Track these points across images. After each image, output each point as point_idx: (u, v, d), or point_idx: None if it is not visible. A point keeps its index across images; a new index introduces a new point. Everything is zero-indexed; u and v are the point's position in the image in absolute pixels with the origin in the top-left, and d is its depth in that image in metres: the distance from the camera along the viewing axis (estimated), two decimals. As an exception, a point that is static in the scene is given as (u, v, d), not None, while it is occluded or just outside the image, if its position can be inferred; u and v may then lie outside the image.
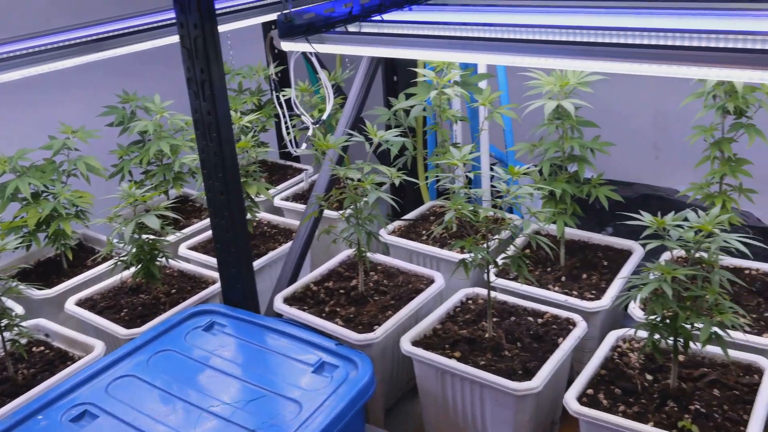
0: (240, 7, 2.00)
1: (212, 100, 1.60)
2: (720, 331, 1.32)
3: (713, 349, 1.51)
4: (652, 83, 2.68)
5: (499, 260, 1.60)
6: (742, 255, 1.36)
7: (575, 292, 1.77)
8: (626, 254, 1.92)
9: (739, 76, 1.08)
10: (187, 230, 2.24)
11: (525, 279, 1.61)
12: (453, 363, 1.51)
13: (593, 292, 1.77)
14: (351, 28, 1.66)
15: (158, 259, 1.86)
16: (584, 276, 1.85)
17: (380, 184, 1.69)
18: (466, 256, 1.57)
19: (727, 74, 1.13)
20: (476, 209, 1.53)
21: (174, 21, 1.59)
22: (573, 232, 2.03)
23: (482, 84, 2.05)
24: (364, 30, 1.67)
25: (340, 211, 1.76)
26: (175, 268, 2.03)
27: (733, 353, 1.49)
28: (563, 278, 1.85)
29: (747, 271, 1.82)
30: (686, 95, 1.72)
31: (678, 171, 1.97)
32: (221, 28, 1.93)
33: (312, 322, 1.70)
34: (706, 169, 1.70)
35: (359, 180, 1.70)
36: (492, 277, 1.64)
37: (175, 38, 1.78)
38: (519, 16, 1.65)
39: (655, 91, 2.69)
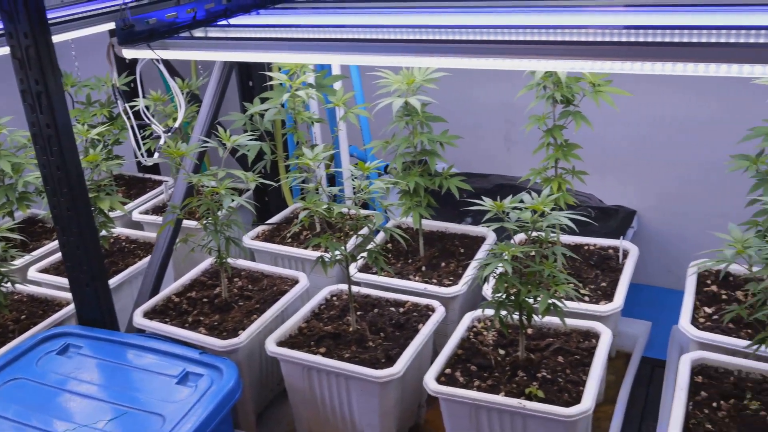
0: (79, 16, 1.92)
1: (50, 112, 1.53)
2: (557, 302, 1.44)
3: (558, 320, 1.63)
4: (500, 77, 2.85)
5: (359, 255, 1.65)
6: (572, 231, 1.48)
7: (434, 280, 1.86)
8: (480, 240, 2.04)
9: (567, 66, 1.19)
10: (36, 252, 2.12)
11: (383, 271, 1.66)
12: (318, 359, 1.54)
13: (451, 278, 1.86)
14: (197, 33, 1.65)
15: (2, 285, 1.76)
16: (443, 264, 1.94)
17: (242, 191, 1.70)
18: (328, 254, 1.61)
19: (554, 65, 1.24)
20: (330, 207, 1.57)
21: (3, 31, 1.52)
22: (431, 224, 2.12)
23: (337, 85, 2.10)
24: (210, 35, 1.66)
25: (203, 220, 1.74)
26: (24, 293, 1.92)
27: (575, 322, 1.62)
28: (423, 268, 1.93)
29: (586, 247, 1.99)
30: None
31: (527, 160, 2.12)
32: (59, 38, 1.85)
33: (175, 333, 1.67)
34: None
35: (215, 186, 1.69)
36: (354, 272, 1.69)
37: (6, 49, 1.69)
38: (367, 17, 1.71)
39: (504, 85, 2.85)
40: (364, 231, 1.89)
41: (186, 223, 2.11)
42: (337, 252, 1.59)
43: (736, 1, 1.40)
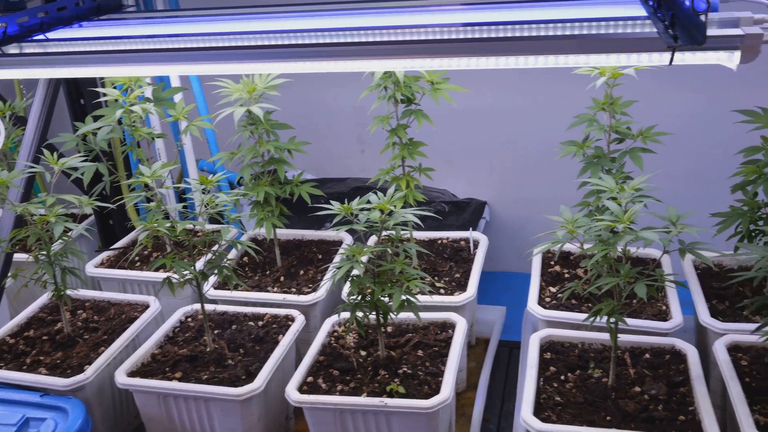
0: None
1: None
2: (411, 298, 1.46)
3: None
4: (349, 80, 2.88)
5: (210, 273, 1.59)
6: (419, 227, 1.51)
7: (293, 289, 1.83)
8: (338, 245, 2.04)
9: (403, 65, 1.21)
10: None
11: (235, 286, 1.62)
12: (173, 384, 1.47)
13: (310, 285, 1.85)
14: (10, 49, 1.52)
15: None
16: (301, 272, 1.92)
17: (83, 216, 1.58)
18: (176, 275, 1.54)
19: (392, 65, 1.26)
20: (174, 225, 1.50)
21: None
22: (288, 232, 2.09)
23: (177, 97, 2.02)
24: (25, 51, 1.54)
25: (35, 251, 1.61)
26: None
27: (432, 315, 1.66)
28: (282, 278, 1.90)
29: (440, 241, 2.05)
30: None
31: (381, 161, 2.15)
32: None
33: (11, 378, 1.53)
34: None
35: (43, 215, 1.56)
36: (209, 290, 1.63)
37: None
38: (204, 25, 1.65)
39: (353, 86, 2.89)
40: (217, 247, 1.83)
41: (18, 256, 1.94)
42: (185, 272, 1.52)
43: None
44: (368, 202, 1.48)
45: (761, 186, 1.58)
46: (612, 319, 1.39)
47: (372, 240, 1.96)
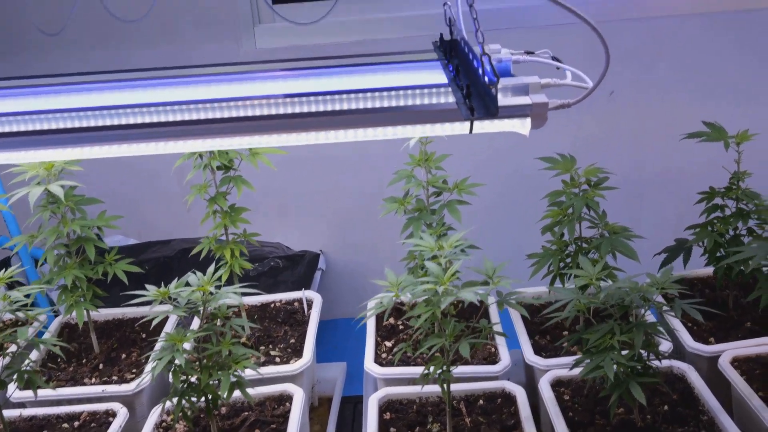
0: None
1: None
2: (241, 378, 1.39)
3: (252, 390, 1.59)
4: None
5: (7, 377, 1.41)
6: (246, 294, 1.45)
7: (115, 377, 1.68)
8: (164, 321, 1.91)
9: (225, 144, 1.15)
10: None
11: (46, 383, 1.45)
12: None
13: (134, 370, 1.71)
14: None
15: None
16: (123, 356, 1.77)
17: None
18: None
19: (212, 144, 1.19)
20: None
21: None
22: (107, 312, 1.92)
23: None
24: None
25: None
26: None
27: (268, 389, 1.60)
28: (101, 365, 1.74)
29: (272, 304, 1.99)
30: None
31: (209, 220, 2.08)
32: None
33: None
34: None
35: None
36: (14, 392, 1.44)
37: None
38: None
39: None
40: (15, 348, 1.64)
41: None
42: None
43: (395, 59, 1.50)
44: (187, 283, 1.40)
45: (566, 227, 1.70)
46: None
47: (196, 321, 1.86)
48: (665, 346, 1.60)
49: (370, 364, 1.66)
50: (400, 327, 1.86)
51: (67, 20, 1.89)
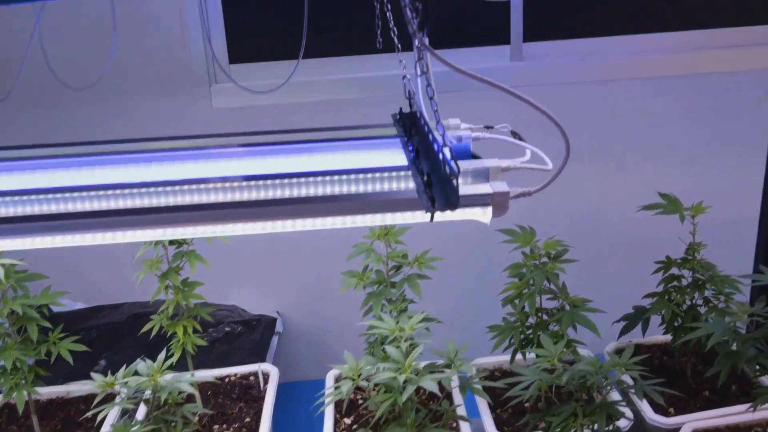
0: None
1: None
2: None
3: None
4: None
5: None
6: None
7: (57, 466, 1.59)
8: (111, 398, 1.81)
9: (185, 233, 1.10)
10: None
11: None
12: None
13: (78, 457, 1.61)
14: None
15: None
16: (67, 440, 1.68)
17: None
18: None
19: (171, 233, 1.14)
20: None
21: None
22: (50, 390, 1.83)
23: None
24: None
25: None
26: None
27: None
28: (42, 453, 1.64)
29: (227, 379, 1.92)
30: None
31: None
32: None
33: None
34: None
35: None
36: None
37: None
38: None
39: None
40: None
41: None
42: None
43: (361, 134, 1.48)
44: (136, 372, 1.33)
45: (527, 301, 1.69)
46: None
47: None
48: (624, 422, 1.59)
49: (329, 447, 1.60)
50: (360, 401, 1.81)
51: (13, 85, 1.83)
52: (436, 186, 1.17)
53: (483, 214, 1.16)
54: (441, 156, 1.17)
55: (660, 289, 1.82)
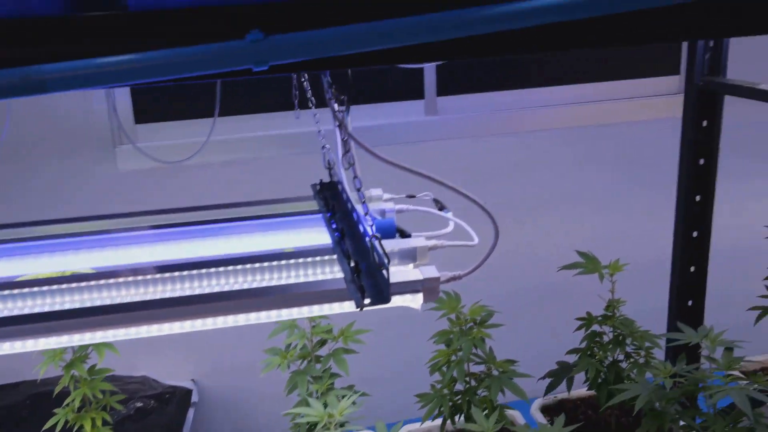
0: None
1: None
2: None
3: None
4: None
5: None
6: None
7: None
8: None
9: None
10: None
11: None
12: None
13: None
14: None
15: None
16: None
17: None
18: None
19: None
20: None
21: None
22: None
23: None
24: None
25: None
26: None
27: None
28: None
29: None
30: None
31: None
32: None
33: None
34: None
35: None
36: None
37: None
38: None
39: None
40: None
41: None
42: None
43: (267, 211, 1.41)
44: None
45: (455, 368, 1.66)
46: None
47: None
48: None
49: None
50: (287, 483, 1.72)
51: None
52: (365, 275, 1.12)
53: (413, 300, 1.13)
54: (369, 243, 1.13)
55: (583, 346, 1.84)
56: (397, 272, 1.08)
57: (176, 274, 1.18)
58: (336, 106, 0.98)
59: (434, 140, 2.50)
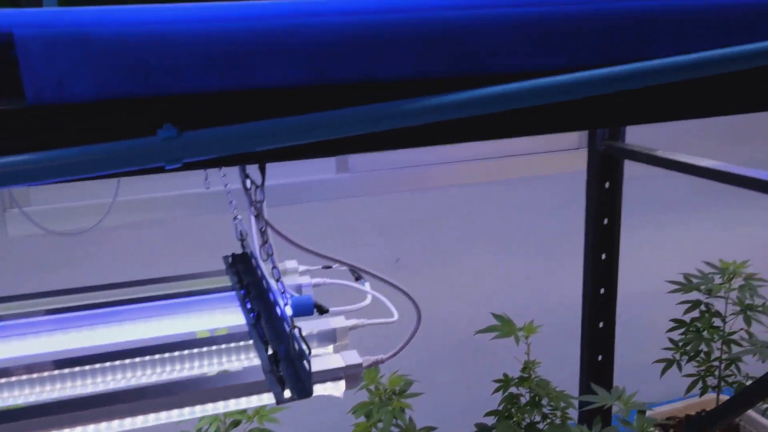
0: None
1: None
2: None
3: None
4: None
5: None
6: None
7: None
8: None
9: None
10: None
11: None
12: None
13: None
14: None
15: None
16: None
17: None
18: None
19: None
20: None
21: None
22: None
23: None
24: None
25: None
26: None
27: None
28: None
29: None
30: None
31: None
32: None
33: None
34: None
35: None
36: None
37: None
38: None
39: None
40: None
41: None
42: None
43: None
44: None
45: None
46: None
47: None
48: None
49: None
50: None
51: None
52: (284, 363, 1.07)
53: (335, 388, 1.08)
54: (288, 331, 1.08)
55: (501, 408, 1.85)
56: (318, 360, 1.04)
57: (76, 369, 1.08)
58: (252, 195, 0.93)
59: (347, 197, 2.48)
